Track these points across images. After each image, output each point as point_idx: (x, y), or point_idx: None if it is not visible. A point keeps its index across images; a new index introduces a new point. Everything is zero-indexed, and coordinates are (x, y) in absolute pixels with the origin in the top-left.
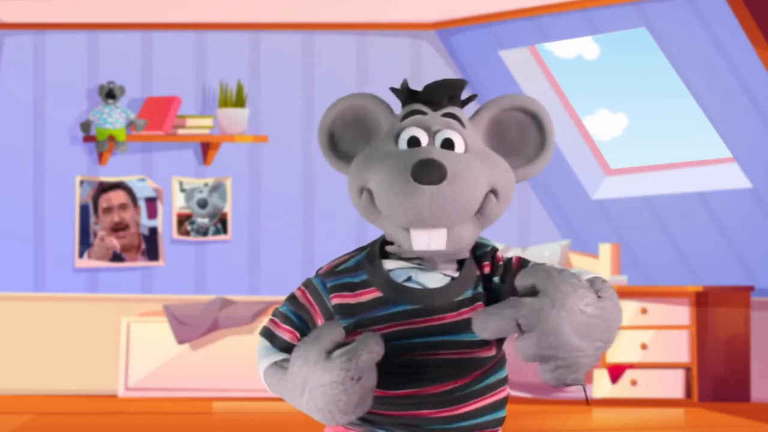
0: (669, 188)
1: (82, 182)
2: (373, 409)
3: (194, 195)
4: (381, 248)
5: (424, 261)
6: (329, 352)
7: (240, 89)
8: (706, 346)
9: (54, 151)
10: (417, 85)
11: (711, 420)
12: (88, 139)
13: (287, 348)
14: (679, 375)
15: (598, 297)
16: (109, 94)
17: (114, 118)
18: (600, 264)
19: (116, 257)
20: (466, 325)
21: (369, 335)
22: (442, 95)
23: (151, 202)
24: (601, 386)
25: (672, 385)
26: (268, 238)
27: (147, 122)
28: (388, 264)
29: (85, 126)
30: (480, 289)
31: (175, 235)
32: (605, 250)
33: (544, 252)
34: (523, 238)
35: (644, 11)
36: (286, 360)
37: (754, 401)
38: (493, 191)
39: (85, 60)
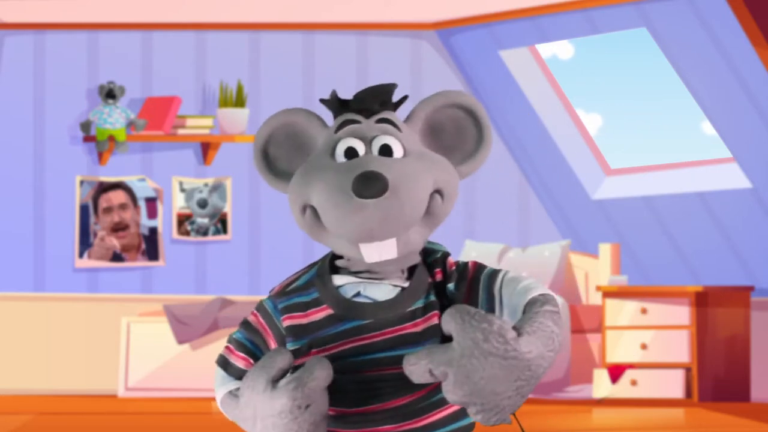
0: (669, 188)
1: (82, 182)
2: (332, 428)
3: (194, 195)
4: (331, 263)
5: (372, 273)
6: (276, 381)
7: (240, 89)
8: (706, 346)
9: (54, 151)
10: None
11: (711, 420)
12: (88, 139)
13: (242, 376)
14: (679, 375)
15: (519, 335)
16: (109, 94)
17: (114, 118)
18: (600, 264)
19: (116, 257)
20: (419, 337)
21: (314, 360)
22: (374, 101)
23: (151, 202)
24: (601, 386)
25: (672, 385)
26: (268, 238)
27: (147, 122)
28: (338, 279)
29: (85, 126)
30: (432, 297)
31: (175, 235)
32: (605, 250)
33: (544, 252)
34: (523, 238)
35: (644, 11)
36: (240, 389)
37: (754, 401)
38: (438, 191)
39: (85, 60)
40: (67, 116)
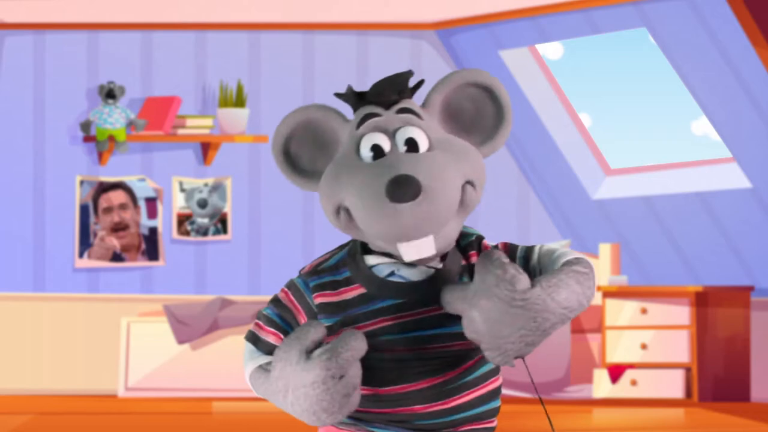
0: (669, 188)
1: (82, 182)
2: (362, 407)
3: (194, 195)
4: (363, 244)
5: None
6: (310, 352)
7: (240, 89)
8: (706, 346)
9: (54, 151)
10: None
11: (711, 420)
12: (88, 139)
13: (272, 351)
14: (679, 375)
15: (532, 286)
16: (109, 94)
17: (114, 118)
18: (600, 264)
19: (116, 257)
20: (452, 318)
21: (349, 333)
22: (392, 91)
23: (151, 202)
24: (601, 386)
25: (672, 385)
26: (268, 238)
27: (147, 122)
28: (371, 260)
29: (85, 126)
30: (466, 279)
31: (175, 235)
32: (605, 250)
33: None
34: (523, 238)
35: (644, 11)
36: (270, 363)
37: (754, 401)
38: (469, 182)
39: (85, 60)
40: (67, 116)
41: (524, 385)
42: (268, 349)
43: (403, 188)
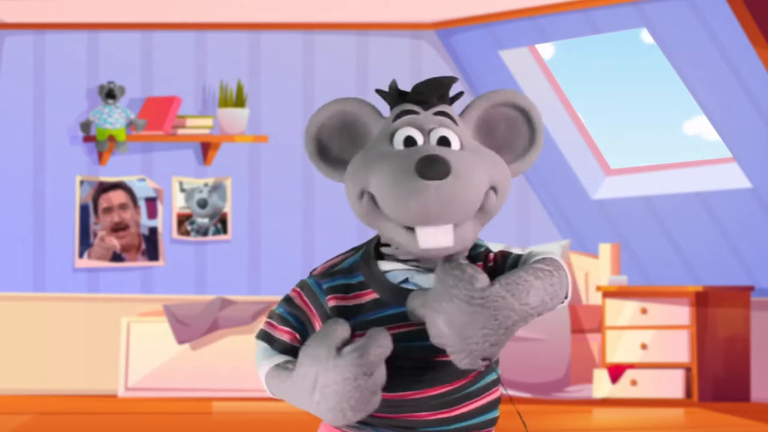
0: (669, 188)
1: (82, 182)
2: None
3: (194, 195)
4: (376, 249)
5: (420, 262)
6: (339, 349)
7: (240, 89)
8: (706, 346)
9: (54, 151)
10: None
11: (711, 420)
12: (88, 139)
13: (286, 350)
14: (679, 375)
15: (491, 284)
16: (109, 94)
17: (114, 118)
18: (600, 264)
19: (116, 257)
20: None
21: (377, 330)
22: (433, 94)
23: (151, 202)
24: (601, 386)
25: (672, 385)
26: (268, 238)
27: (147, 122)
28: (384, 265)
29: (85, 126)
30: None
31: (175, 235)
32: (605, 250)
33: None
34: (523, 238)
35: (644, 11)
36: (288, 362)
37: (754, 401)
38: (493, 188)
39: (85, 60)
40: (67, 116)
41: (524, 385)
42: (283, 348)
43: (434, 166)
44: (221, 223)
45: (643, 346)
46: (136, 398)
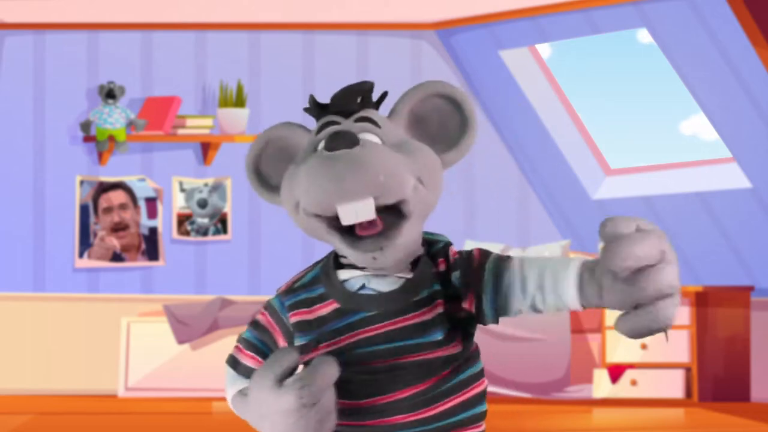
0: (669, 188)
1: (82, 182)
2: (344, 421)
3: (194, 195)
4: (336, 260)
5: (377, 268)
6: (282, 379)
7: (240, 89)
8: (706, 346)
9: (54, 151)
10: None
11: (711, 420)
12: (88, 139)
13: (251, 375)
14: (679, 375)
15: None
16: (109, 94)
17: (114, 118)
18: None
19: (116, 257)
20: (425, 327)
21: (320, 359)
22: (352, 101)
23: (151, 202)
24: (601, 386)
25: (672, 385)
26: (268, 238)
27: (147, 122)
28: (343, 274)
29: (85, 126)
30: (437, 286)
31: (175, 235)
32: None
33: (544, 252)
34: (523, 238)
35: (644, 11)
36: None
37: (754, 401)
38: (419, 179)
39: (85, 60)
40: (67, 116)
41: (524, 385)
42: (248, 373)
43: (340, 137)
44: (221, 223)
45: (643, 346)
46: (136, 398)
